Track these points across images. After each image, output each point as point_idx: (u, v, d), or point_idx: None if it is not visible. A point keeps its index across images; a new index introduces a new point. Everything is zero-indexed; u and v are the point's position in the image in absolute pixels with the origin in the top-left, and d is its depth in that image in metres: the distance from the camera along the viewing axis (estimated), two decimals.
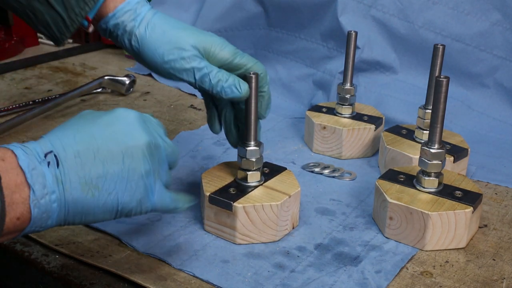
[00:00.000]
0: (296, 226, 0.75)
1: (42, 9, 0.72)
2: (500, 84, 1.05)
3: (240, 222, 0.70)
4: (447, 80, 0.69)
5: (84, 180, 0.54)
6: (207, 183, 0.73)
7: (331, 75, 1.10)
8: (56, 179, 0.53)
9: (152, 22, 0.72)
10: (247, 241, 0.71)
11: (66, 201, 0.53)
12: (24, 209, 0.51)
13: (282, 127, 1.05)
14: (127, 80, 1.17)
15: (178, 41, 0.70)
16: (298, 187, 0.74)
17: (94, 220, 0.57)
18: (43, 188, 0.52)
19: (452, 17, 1.05)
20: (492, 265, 0.69)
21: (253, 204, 0.70)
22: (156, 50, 0.71)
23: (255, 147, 0.72)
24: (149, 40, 0.71)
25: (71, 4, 0.72)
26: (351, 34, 0.92)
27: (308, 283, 0.65)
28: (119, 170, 0.56)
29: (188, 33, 0.71)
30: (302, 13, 1.13)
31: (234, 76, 0.70)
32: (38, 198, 0.51)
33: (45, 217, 0.53)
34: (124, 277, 0.65)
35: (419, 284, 0.66)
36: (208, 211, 0.72)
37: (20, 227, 0.52)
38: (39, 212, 0.52)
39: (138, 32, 0.72)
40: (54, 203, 0.53)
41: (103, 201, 0.55)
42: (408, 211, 0.71)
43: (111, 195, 0.55)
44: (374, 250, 0.71)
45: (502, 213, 0.80)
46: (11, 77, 1.26)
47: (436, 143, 0.72)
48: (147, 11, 0.73)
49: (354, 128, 0.92)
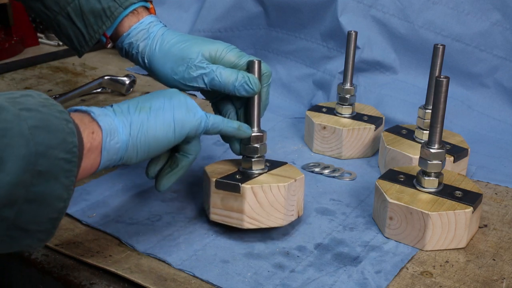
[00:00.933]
0: (301, 215, 0.75)
1: (66, 23, 0.78)
2: (500, 84, 1.05)
3: (248, 204, 0.70)
4: (447, 80, 0.69)
5: (136, 107, 0.63)
6: (212, 172, 0.73)
7: (331, 75, 1.10)
8: (113, 109, 0.62)
9: (161, 39, 0.75)
10: (255, 225, 0.71)
11: (125, 118, 0.61)
12: (94, 125, 0.58)
13: (282, 127, 1.05)
14: (127, 80, 1.17)
15: (184, 53, 0.73)
16: (302, 174, 0.74)
17: (157, 140, 0.62)
18: (102, 110, 0.60)
19: (452, 17, 1.05)
20: (492, 265, 0.69)
21: (261, 185, 0.70)
22: (166, 64, 0.74)
23: (259, 133, 0.73)
24: (158, 56, 0.75)
25: (91, 22, 0.77)
26: (351, 34, 0.92)
27: (308, 283, 0.65)
28: (162, 94, 0.65)
29: (192, 43, 0.74)
30: (302, 13, 1.13)
31: (243, 73, 0.71)
32: (101, 115, 0.59)
33: (113, 130, 0.59)
34: (124, 277, 0.65)
35: (419, 284, 0.66)
36: (214, 197, 0.72)
37: (96, 142, 0.58)
38: (105, 126, 0.59)
39: (149, 50, 0.76)
40: (116, 120, 0.60)
41: (155, 115, 0.63)
42: (408, 211, 0.71)
43: (161, 111, 0.63)
44: (374, 250, 0.71)
45: (502, 213, 0.80)
46: (11, 77, 1.26)
47: (436, 143, 0.72)
48: (158, 30, 0.77)
49: (354, 128, 0.92)
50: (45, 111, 0.52)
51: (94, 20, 0.77)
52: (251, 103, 0.73)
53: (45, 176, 0.50)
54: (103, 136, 0.58)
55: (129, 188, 0.83)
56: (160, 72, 0.75)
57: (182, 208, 0.79)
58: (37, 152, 0.49)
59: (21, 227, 0.51)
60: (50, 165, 0.50)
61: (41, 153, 0.50)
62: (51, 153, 0.50)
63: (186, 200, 0.80)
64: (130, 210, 0.78)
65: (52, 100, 0.54)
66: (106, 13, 0.76)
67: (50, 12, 0.78)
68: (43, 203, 0.51)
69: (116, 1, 0.76)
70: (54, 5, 0.77)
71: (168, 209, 0.78)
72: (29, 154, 0.49)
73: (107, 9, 0.76)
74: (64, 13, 0.77)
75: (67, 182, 0.52)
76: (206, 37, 1.20)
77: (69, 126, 0.53)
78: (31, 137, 0.49)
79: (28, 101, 0.52)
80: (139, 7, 0.78)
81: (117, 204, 0.79)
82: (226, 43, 0.75)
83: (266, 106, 0.77)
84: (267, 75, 0.74)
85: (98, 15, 0.76)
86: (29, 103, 0.51)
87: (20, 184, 0.48)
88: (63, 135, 0.52)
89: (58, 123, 0.52)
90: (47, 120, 0.51)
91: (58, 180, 0.51)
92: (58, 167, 0.51)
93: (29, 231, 0.52)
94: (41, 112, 0.51)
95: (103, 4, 0.76)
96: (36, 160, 0.49)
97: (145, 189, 0.83)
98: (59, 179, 0.51)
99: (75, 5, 0.76)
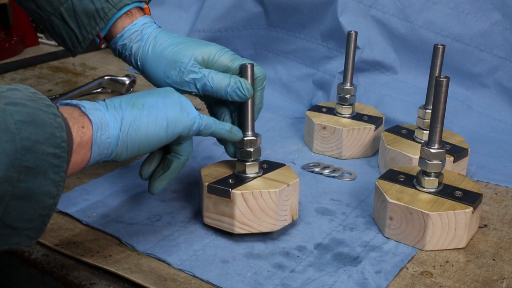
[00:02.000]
0: (295, 219, 0.75)
1: (59, 24, 0.77)
2: (500, 84, 1.05)
3: (239, 210, 0.70)
4: (447, 80, 0.69)
5: (129, 102, 0.62)
6: (206, 176, 0.74)
7: (331, 75, 1.10)
8: (106, 103, 0.61)
9: (154, 41, 0.75)
10: (246, 230, 0.71)
11: (116, 113, 0.60)
12: (84, 119, 0.57)
13: (282, 127, 1.05)
14: (127, 80, 1.17)
15: (176, 56, 0.73)
16: (297, 178, 0.74)
17: (147, 137, 0.62)
18: (93, 104, 0.60)
19: (452, 17, 1.05)
20: (492, 265, 0.69)
21: (251, 191, 0.70)
22: (158, 67, 0.74)
23: (252, 137, 0.72)
24: (151, 58, 0.74)
25: (84, 22, 0.76)
26: (351, 34, 0.92)
27: (308, 283, 0.65)
28: (156, 93, 0.65)
29: (185, 46, 0.73)
30: (302, 13, 1.13)
31: (235, 78, 0.71)
32: (92, 109, 0.59)
33: (104, 124, 0.58)
34: (124, 277, 0.65)
35: (419, 284, 0.66)
36: (207, 201, 0.72)
37: (87, 136, 0.57)
38: (96, 120, 0.58)
39: (142, 52, 0.75)
40: (107, 114, 0.59)
41: (148, 113, 0.62)
42: (408, 211, 0.71)
43: (155, 108, 0.63)
44: (374, 250, 0.71)
45: (502, 213, 0.80)
46: (11, 77, 1.26)
47: (436, 143, 0.72)
48: (151, 31, 0.76)
49: (354, 128, 0.92)
50: (32, 105, 0.51)
51: (88, 21, 0.76)
52: (245, 107, 0.72)
53: (32, 172, 0.49)
54: (94, 130, 0.57)
55: (129, 188, 0.83)
56: (153, 75, 0.74)
57: (182, 208, 0.79)
58: (23, 147, 0.48)
59: (9, 224, 0.50)
60: (37, 160, 0.49)
61: (28, 148, 0.49)
62: (38, 148, 0.49)
63: (186, 200, 0.80)
64: (130, 210, 0.78)
65: (40, 94, 0.53)
66: (100, 14, 0.75)
67: (43, 12, 0.77)
68: (31, 200, 0.50)
69: (109, 2, 0.75)
70: (47, 5, 0.76)
71: (168, 209, 0.78)
72: (15, 149, 0.48)
73: (101, 10, 0.75)
74: (57, 13, 0.77)
75: (56, 178, 0.51)
76: (206, 37, 1.20)
77: (57, 121, 0.52)
78: (17, 131, 0.48)
79: (15, 95, 0.51)
80: (133, 8, 0.77)
81: (117, 204, 0.79)
82: (219, 46, 0.74)
83: (260, 109, 0.76)
84: (260, 78, 0.73)
85: (91, 16, 0.76)
86: (16, 97, 0.51)
87: (6, 180, 0.47)
88: (51, 130, 0.51)
89: (45, 117, 0.51)
90: (34, 114, 0.50)
91: (46, 176, 0.50)
92: (46, 162, 0.50)
93: (17, 228, 0.51)
94: (28, 106, 0.50)
95: (97, 5, 0.75)
96: (23, 155, 0.48)
97: (145, 189, 0.83)
98: (48, 175, 0.50)
99: (68, 6, 0.76)
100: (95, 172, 0.87)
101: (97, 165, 0.89)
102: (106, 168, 0.88)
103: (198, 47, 0.73)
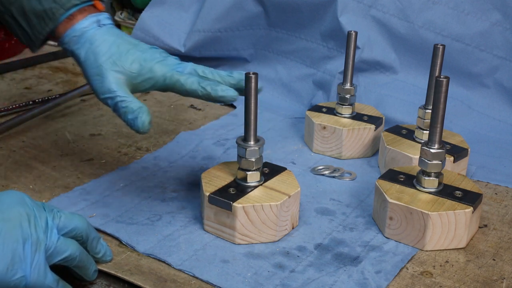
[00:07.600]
0: (296, 226, 0.75)
1: (12, 23, 0.77)
2: (500, 84, 1.05)
3: (240, 222, 0.70)
4: (447, 80, 0.69)
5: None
6: (207, 183, 0.73)
7: (331, 75, 1.10)
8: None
9: (87, 49, 0.74)
10: (246, 241, 0.71)
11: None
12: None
13: (282, 127, 1.05)
14: None
15: (99, 70, 0.72)
16: (298, 187, 0.74)
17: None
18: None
19: (452, 17, 1.05)
20: (492, 265, 0.69)
21: (252, 204, 0.70)
22: (92, 77, 0.73)
23: (254, 147, 0.72)
24: (84, 66, 0.74)
25: (34, 23, 0.76)
26: (351, 34, 0.92)
27: (308, 283, 0.65)
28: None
29: (110, 62, 0.72)
30: (302, 13, 1.13)
31: (142, 108, 0.70)
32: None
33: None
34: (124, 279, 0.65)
35: (419, 284, 0.66)
36: (207, 211, 0.72)
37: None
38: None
39: (78, 58, 0.74)
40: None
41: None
42: (408, 211, 0.71)
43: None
44: (374, 250, 0.71)
45: (502, 213, 0.80)
46: (11, 77, 1.26)
47: (436, 143, 0.72)
48: (88, 37, 0.74)
49: (354, 128, 0.92)
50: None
51: (37, 21, 0.75)
52: (247, 114, 0.71)
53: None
54: None
55: (129, 188, 0.83)
56: (89, 82, 0.74)
57: (182, 208, 0.79)
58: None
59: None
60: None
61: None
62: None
63: (186, 200, 0.80)
64: (130, 210, 0.78)
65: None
66: (48, 14, 0.75)
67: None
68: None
69: (57, 2, 0.74)
70: (0, 4, 0.76)
71: (168, 209, 0.78)
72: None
73: (49, 10, 0.74)
74: (9, 13, 0.76)
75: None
76: (206, 37, 1.20)
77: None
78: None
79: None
80: (76, 10, 0.75)
81: (117, 204, 0.79)
82: (150, 57, 0.74)
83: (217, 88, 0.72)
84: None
85: (40, 16, 0.75)
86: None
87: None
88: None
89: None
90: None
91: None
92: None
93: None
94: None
95: (45, 6, 0.74)
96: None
97: (145, 189, 0.83)
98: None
99: (18, 6, 0.75)
100: (95, 172, 0.87)
101: (97, 165, 0.89)
102: (106, 168, 0.88)
103: (122, 60, 0.72)
